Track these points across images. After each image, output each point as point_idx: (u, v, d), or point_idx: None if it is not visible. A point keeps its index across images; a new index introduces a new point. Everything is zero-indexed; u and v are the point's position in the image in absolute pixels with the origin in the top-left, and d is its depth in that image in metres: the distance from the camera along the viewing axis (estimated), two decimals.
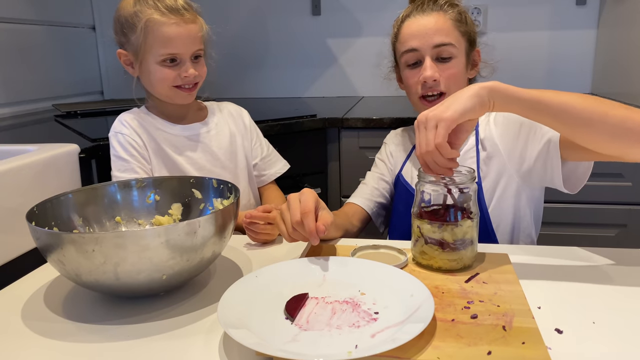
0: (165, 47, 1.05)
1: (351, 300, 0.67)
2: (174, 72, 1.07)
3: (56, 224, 0.77)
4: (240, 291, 0.67)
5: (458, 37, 1.03)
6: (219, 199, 0.86)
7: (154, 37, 1.04)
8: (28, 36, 2.03)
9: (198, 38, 1.08)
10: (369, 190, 1.15)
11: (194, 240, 0.66)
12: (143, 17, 1.04)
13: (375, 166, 1.20)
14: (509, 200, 1.01)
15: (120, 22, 1.08)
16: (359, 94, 2.39)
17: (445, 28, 1.01)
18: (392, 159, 1.18)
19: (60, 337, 0.63)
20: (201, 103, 1.23)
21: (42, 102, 2.09)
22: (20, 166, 1.09)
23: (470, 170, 0.78)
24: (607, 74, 2.03)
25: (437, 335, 0.59)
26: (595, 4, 2.10)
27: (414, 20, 1.04)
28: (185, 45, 1.06)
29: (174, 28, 1.04)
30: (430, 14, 1.03)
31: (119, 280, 0.65)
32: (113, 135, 1.11)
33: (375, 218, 1.14)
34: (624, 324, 0.62)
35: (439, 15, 1.02)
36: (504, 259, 0.80)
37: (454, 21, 1.03)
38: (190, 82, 1.09)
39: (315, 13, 2.35)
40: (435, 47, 1.01)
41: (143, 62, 1.08)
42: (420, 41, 1.02)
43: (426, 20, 1.02)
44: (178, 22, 1.04)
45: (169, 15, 1.04)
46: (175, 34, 1.04)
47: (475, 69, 1.10)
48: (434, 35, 1.01)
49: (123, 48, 1.10)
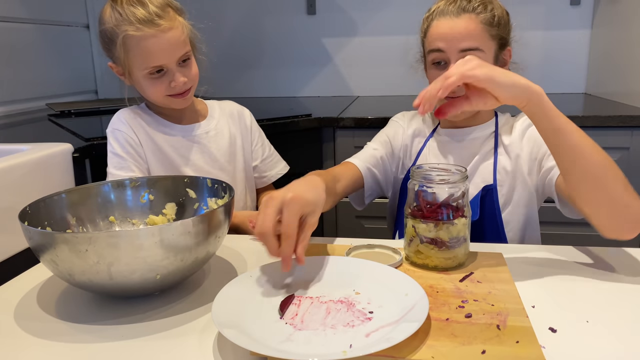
0: (147, 62, 1.01)
1: (346, 299, 0.67)
2: (163, 83, 1.04)
3: (49, 224, 0.77)
4: (234, 291, 0.67)
5: (487, 41, 0.99)
6: (213, 199, 0.86)
7: (134, 53, 1.01)
8: (21, 35, 2.02)
9: (180, 42, 1.03)
10: (371, 156, 1.11)
11: (188, 240, 0.66)
12: (120, 33, 0.99)
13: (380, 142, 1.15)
14: (522, 209, 1.03)
15: (102, 37, 1.04)
16: (354, 93, 2.39)
17: (475, 33, 0.98)
18: (405, 149, 1.14)
19: (54, 338, 0.63)
20: (202, 101, 1.21)
21: (35, 101, 2.08)
22: (13, 166, 1.08)
23: (462, 169, 0.79)
24: (601, 74, 2.04)
25: (431, 334, 0.59)
26: (589, 4, 2.11)
27: (444, 20, 1.00)
28: (168, 55, 1.01)
29: (152, 41, 0.99)
30: (462, 16, 0.99)
31: (113, 280, 0.64)
32: (111, 131, 1.10)
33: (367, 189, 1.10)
34: (617, 323, 0.63)
35: (470, 19, 0.98)
36: (499, 259, 0.80)
37: (485, 25, 0.99)
38: (181, 89, 1.06)
39: (310, 12, 2.34)
40: (462, 52, 0.98)
41: (132, 75, 1.05)
42: (448, 44, 0.99)
43: (456, 23, 0.98)
44: (155, 33, 0.99)
45: (144, 28, 0.98)
46: (154, 47, 0.99)
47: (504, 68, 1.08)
48: (462, 40, 0.98)
49: (112, 60, 1.08)
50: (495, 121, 1.08)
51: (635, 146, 1.54)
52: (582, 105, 1.90)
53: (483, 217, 1.00)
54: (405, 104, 1.12)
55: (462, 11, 0.99)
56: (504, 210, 1.03)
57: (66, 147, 1.24)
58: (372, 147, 1.13)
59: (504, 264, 0.78)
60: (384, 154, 1.13)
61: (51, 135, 1.53)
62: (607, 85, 1.98)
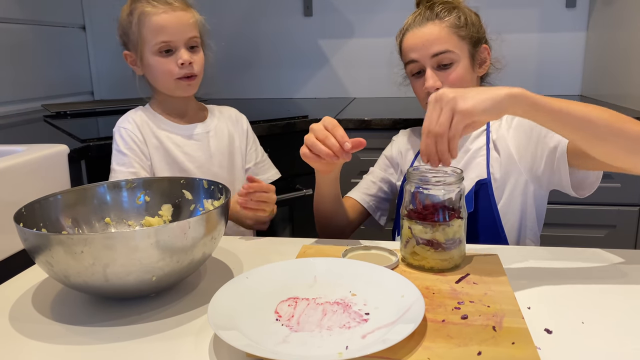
0: (157, 36, 1.09)
1: (342, 301, 0.67)
2: (171, 62, 1.10)
3: (45, 225, 0.77)
4: (230, 292, 0.67)
5: (457, 42, 1.04)
6: (209, 200, 0.86)
7: (146, 28, 1.09)
8: (17, 36, 2.02)
9: (190, 25, 1.11)
10: (365, 185, 1.18)
11: (184, 241, 0.66)
12: (136, 12, 1.09)
13: (380, 162, 1.22)
14: (517, 198, 1.03)
15: (121, 24, 1.14)
16: (351, 95, 2.39)
17: (441, 37, 1.03)
18: (400, 156, 1.19)
19: (49, 340, 0.62)
20: (202, 104, 1.26)
21: (31, 102, 2.07)
22: (8, 167, 1.07)
23: (458, 170, 0.79)
24: (596, 76, 2.05)
25: (427, 335, 0.59)
26: (584, 6, 2.12)
27: (411, 33, 1.07)
28: (176, 32, 1.09)
29: (163, 16, 1.08)
30: (426, 24, 1.05)
31: (108, 281, 0.64)
32: (116, 129, 1.15)
33: (374, 212, 1.17)
34: (613, 324, 0.63)
35: (434, 25, 1.04)
36: (495, 260, 0.80)
37: (452, 27, 1.04)
38: (188, 70, 1.11)
39: (307, 14, 2.35)
40: (434, 57, 1.04)
41: (143, 57, 1.11)
42: (419, 53, 1.05)
43: (422, 32, 1.05)
44: (166, 10, 1.08)
45: (158, 5, 1.08)
46: (164, 22, 1.08)
47: (484, 66, 1.11)
48: (431, 45, 1.04)
49: (127, 48, 1.15)
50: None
51: None
52: None
53: (477, 210, 1.02)
54: (402, 106, 1.13)
55: (426, 20, 1.06)
56: (500, 202, 1.03)
57: (62, 148, 1.23)
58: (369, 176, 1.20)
59: (500, 265, 0.78)
60: (381, 171, 1.19)
61: (47, 137, 1.53)
62: (602, 88, 1.99)
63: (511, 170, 1.03)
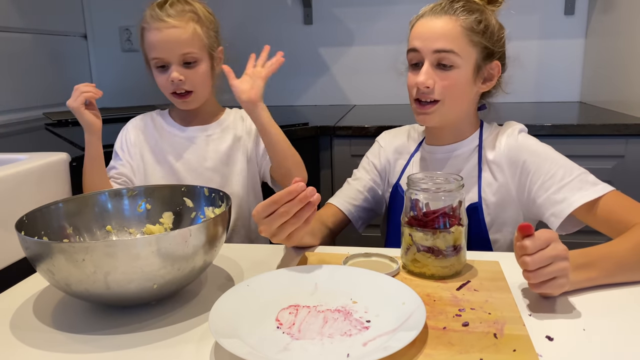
0: (150, 52, 1.11)
1: (343, 308, 0.67)
2: (164, 78, 1.12)
3: (46, 234, 0.77)
4: (231, 300, 0.67)
5: (465, 46, 0.95)
6: (210, 208, 0.86)
7: (144, 42, 1.12)
8: (19, 44, 2.03)
9: (183, 41, 1.09)
10: (352, 194, 1.11)
11: (185, 249, 0.66)
12: (140, 24, 1.12)
13: (367, 167, 1.15)
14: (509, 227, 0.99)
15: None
16: (351, 102, 2.40)
17: (451, 34, 0.95)
18: (388, 166, 1.13)
19: (50, 348, 0.62)
20: (220, 107, 1.26)
21: (32, 111, 2.08)
22: (10, 175, 1.08)
23: (458, 178, 0.79)
24: (595, 83, 2.06)
25: (428, 343, 0.59)
26: (583, 13, 2.13)
27: (423, 20, 0.98)
28: (167, 50, 1.09)
29: (154, 34, 1.09)
30: (441, 17, 0.96)
31: (110, 289, 0.64)
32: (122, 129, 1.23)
33: (356, 221, 1.11)
34: (614, 331, 0.63)
35: (449, 20, 0.95)
36: (495, 267, 0.80)
37: (466, 29, 0.95)
38: (178, 87, 1.11)
39: (307, 22, 2.36)
40: (436, 52, 0.95)
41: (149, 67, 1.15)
42: (423, 43, 0.96)
43: (433, 23, 0.96)
44: (159, 27, 1.08)
45: (152, 23, 1.09)
46: (156, 39, 1.09)
47: (489, 83, 1.01)
48: (437, 39, 0.95)
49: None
50: (479, 133, 1.04)
51: (629, 154, 1.55)
52: (577, 113, 1.91)
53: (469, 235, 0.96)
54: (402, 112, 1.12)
55: (443, 12, 0.96)
56: (491, 229, 0.99)
57: (63, 156, 1.24)
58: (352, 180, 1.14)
59: (500, 272, 0.78)
60: (369, 180, 1.13)
61: (48, 145, 1.53)
62: (601, 94, 1.99)
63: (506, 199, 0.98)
